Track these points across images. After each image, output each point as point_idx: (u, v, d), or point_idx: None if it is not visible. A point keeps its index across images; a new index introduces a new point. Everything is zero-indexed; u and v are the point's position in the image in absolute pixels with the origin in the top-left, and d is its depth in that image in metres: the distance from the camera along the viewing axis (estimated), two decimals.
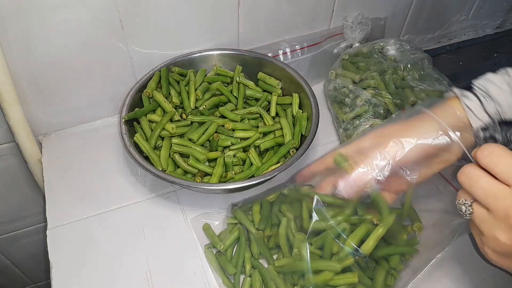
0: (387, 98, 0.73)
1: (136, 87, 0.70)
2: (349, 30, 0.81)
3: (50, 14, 0.61)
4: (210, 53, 0.76)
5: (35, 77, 0.67)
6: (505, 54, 1.00)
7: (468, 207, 0.40)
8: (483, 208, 0.38)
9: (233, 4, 0.72)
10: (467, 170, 0.39)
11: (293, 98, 0.71)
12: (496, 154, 0.37)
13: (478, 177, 0.38)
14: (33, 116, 0.72)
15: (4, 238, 0.92)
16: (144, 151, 0.63)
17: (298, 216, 0.57)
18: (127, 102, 0.67)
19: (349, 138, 0.71)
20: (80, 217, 0.65)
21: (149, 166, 0.60)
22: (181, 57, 0.75)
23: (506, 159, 0.37)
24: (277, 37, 0.81)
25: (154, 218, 0.65)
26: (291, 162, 0.60)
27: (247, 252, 0.59)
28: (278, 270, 0.56)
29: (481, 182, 0.38)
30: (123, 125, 0.64)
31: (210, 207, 0.66)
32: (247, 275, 0.57)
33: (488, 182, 0.37)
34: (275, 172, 0.59)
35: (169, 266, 0.60)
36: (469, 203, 0.40)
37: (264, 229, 0.60)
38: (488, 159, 0.37)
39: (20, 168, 0.79)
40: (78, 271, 0.59)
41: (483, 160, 0.38)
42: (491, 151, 0.37)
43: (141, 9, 0.66)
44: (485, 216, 0.38)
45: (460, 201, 0.40)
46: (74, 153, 0.74)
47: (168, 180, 0.59)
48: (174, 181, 0.59)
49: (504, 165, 0.36)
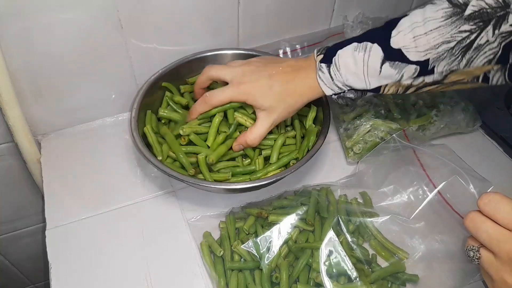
0: (388, 98, 0.72)
1: (143, 89, 0.68)
2: (350, 29, 0.81)
3: (49, 14, 0.60)
4: (223, 52, 0.75)
5: (34, 76, 0.67)
6: None
7: (476, 252, 0.42)
8: (489, 253, 0.41)
9: (233, 3, 0.72)
10: (472, 215, 0.42)
11: (310, 111, 0.68)
12: (495, 201, 0.40)
13: (482, 222, 0.41)
14: (32, 116, 0.71)
15: (3, 239, 0.92)
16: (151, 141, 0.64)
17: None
18: (138, 100, 0.66)
19: (349, 138, 0.71)
20: (80, 217, 0.65)
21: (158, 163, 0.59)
22: (192, 55, 0.74)
23: (504, 206, 0.39)
24: (278, 37, 0.81)
25: (154, 218, 0.65)
26: (289, 171, 0.59)
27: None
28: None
29: (484, 227, 0.40)
30: (133, 119, 0.64)
31: (210, 207, 0.66)
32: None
33: (492, 227, 0.40)
34: (274, 178, 0.59)
35: (169, 266, 0.60)
36: (477, 248, 0.42)
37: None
38: (488, 207, 0.40)
39: (19, 168, 0.79)
40: (77, 271, 0.59)
41: (484, 208, 0.40)
42: (490, 199, 0.40)
43: (141, 8, 0.65)
44: (492, 260, 0.40)
45: (468, 247, 0.43)
46: (73, 153, 0.73)
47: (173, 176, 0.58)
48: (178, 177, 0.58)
49: (504, 211, 0.39)
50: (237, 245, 0.57)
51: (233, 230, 0.61)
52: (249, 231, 0.60)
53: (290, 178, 0.70)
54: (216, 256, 0.59)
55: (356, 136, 0.70)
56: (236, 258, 0.58)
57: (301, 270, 0.56)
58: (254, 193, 0.67)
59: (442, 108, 0.74)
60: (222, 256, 0.59)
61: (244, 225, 0.60)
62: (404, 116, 0.72)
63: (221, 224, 0.63)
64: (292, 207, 0.61)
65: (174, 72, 0.72)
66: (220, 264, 0.58)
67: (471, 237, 0.43)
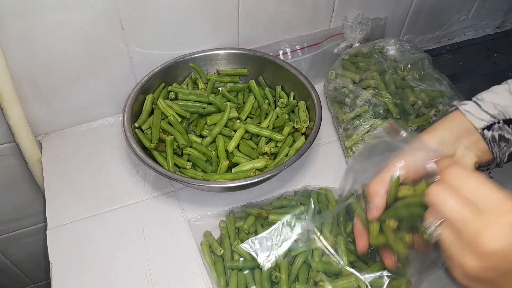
0: (387, 98, 0.72)
1: (138, 87, 0.70)
2: (349, 30, 0.81)
3: (50, 14, 0.61)
4: (213, 52, 0.76)
5: (35, 77, 0.67)
6: (505, 54, 0.99)
7: (436, 228, 0.38)
8: (451, 231, 0.37)
9: (233, 4, 0.72)
10: (439, 186, 0.38)
11: (299, 108, 0.71)
12: (463, 176, 0.37)
13: (451, 197, 0.37)
14: (33, 116, 0.72)
15: (4, 238, 0.92)
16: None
17: None
18: (129, 102, 0.68)
19: (349, 138, 0.71)
20: (80, 217, 0.65)
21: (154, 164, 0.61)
22: (196, 53, 0.75)
23: (471, 182, 0.36)
24: (277, 37, 0.81)
25: (154, 218, 0.65)
26: (286, 165, 0.60)
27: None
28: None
29: (453, 202, 0.36)
30: (125, 123, 0.65)
31: (210, 207, 0.66)
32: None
33: (462, 203, 0.36)
34: (270, 173, 0.60)
35: (169, 266, 0.60)
36: (437, 224, 0.38)
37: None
38: (456, 181, 0.37)
39: (20, 168, 0.79)
40: (78, 271, 0.59)
41: (452, 181, 0.37)
42: (457, 173, 0.37)
43: (141, 9, 0.66)
44: (452, 240, 0.37)
45: (426, 222, 0.39)
46: (74, 153, 0.74)
47: (169, 177, 0.59)
48: (173, 177, 0.59)
49: (470, 187, 0.36)
50: (237, 245, 0.57)
51: (233, 230, 0.61)
52: (249, 230, 0.60)
53: (290, 178, 0.71)
54: (216, 256, 0.59)
55: (355, 136, 0.71)
56: (236, 257, 0.58)
57: (300, 269, 0.57)
58: (254, 193, 0.67)
59: (441, 108, 0.74)
60: (222, 256, 0.59)
61: (244, 225, 0.61)
62: (403, 116, 0.72)
63: (221, 223, 0.63)
64: (292, 207, 0.62)
65: (165, 73, 0.74)
66: (220, 264, 0.58)
67: (430, 210, 0.39)
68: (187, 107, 0.71)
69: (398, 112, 0.72)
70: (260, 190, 0.68)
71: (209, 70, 0.78)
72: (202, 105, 0.72)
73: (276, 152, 0.68)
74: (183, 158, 0.67)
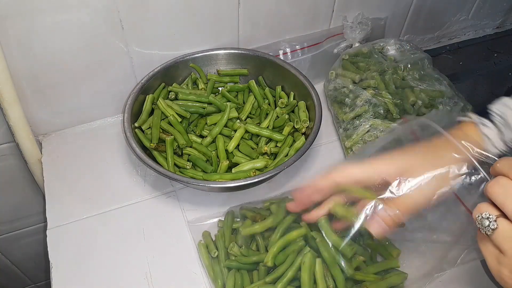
0: (387, 98, 0.73)
1: (138, 87, 0.70)
2: (349, 30, 0.81)
3: (50, 14, 0.61)
4: (213, 52, 0.77)
5: (35, 77, 0.67)
6: (505, 54, 1.00)
7: (493, 222, 0.37)
8: (510, 225, 0.36)
9: (233, 4, 0.72)
10: (502, 180, 0.37)
11: (299, 108, 0.72)
12: None
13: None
14: (33, 116, 0.72)
15: (4, 238, 0.92)
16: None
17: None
18: (129, 102, 0.68)
19: (349, 138, 0.71)
20: (80, 217, 0.65)
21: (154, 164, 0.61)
22: (196, 53, 0.75)
23: None
24: (277, 37, 0.81)
25: (154, 218, 0.65)
26: (286, 165, 0.60)
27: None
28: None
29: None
30: (125, 122, 0.65)
31: (210, 207, 0.66)
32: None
33: None
34: (270, 173, 0.60)
35: (169, 266, 0.60)
36: (494, 218, 0.37)
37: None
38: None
39: (20, 168, 0.79)
40: (78, 271, 0.59)
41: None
42: None
43: (141, 9, 0.66)
44: (511, 234, 0.36)
45: (483, 214, 0.37)
46: (74, 153, 0.74)
47: (169, 177, 0.59)
48: (173, 177, 0.59)
49: None
50: (232, 247, 0.57)
51: (229, 231, 0.61)
52: (241, 243, 0.59)
53: (290, 178, 0.71)
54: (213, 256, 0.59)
55: (355, 136, 0.71)
56: (232, 257, 0.58)
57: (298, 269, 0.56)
58: (254, 193, 0.67)
59: (441, 108, 0.74)
60: (218, 256, 0.59)
61: (237, 237, 0.60)
62: (403, 116, 0.72)
63: (219, 223, 0.63)
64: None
65: (165, 73, 0.74)
66: (217, 264, 0.58)
67: (486, 203, 0.38)
68: (187, 107, 0.71)
69: (398, 112, 0.72)
70: (260, 190, 0.68)
71: (209, 70, 0.78)
72: (202, 105, 0.72)
73: (276, 152, 0.68)
74: (183, 158, 0.67)
